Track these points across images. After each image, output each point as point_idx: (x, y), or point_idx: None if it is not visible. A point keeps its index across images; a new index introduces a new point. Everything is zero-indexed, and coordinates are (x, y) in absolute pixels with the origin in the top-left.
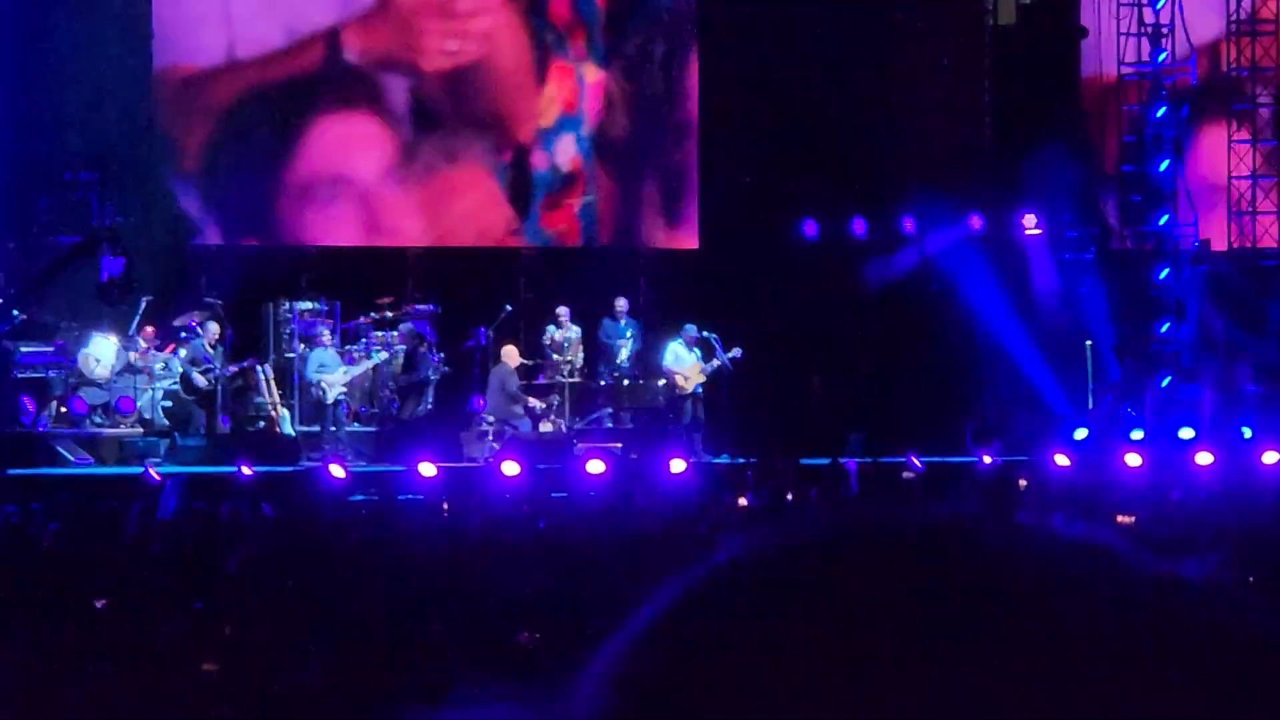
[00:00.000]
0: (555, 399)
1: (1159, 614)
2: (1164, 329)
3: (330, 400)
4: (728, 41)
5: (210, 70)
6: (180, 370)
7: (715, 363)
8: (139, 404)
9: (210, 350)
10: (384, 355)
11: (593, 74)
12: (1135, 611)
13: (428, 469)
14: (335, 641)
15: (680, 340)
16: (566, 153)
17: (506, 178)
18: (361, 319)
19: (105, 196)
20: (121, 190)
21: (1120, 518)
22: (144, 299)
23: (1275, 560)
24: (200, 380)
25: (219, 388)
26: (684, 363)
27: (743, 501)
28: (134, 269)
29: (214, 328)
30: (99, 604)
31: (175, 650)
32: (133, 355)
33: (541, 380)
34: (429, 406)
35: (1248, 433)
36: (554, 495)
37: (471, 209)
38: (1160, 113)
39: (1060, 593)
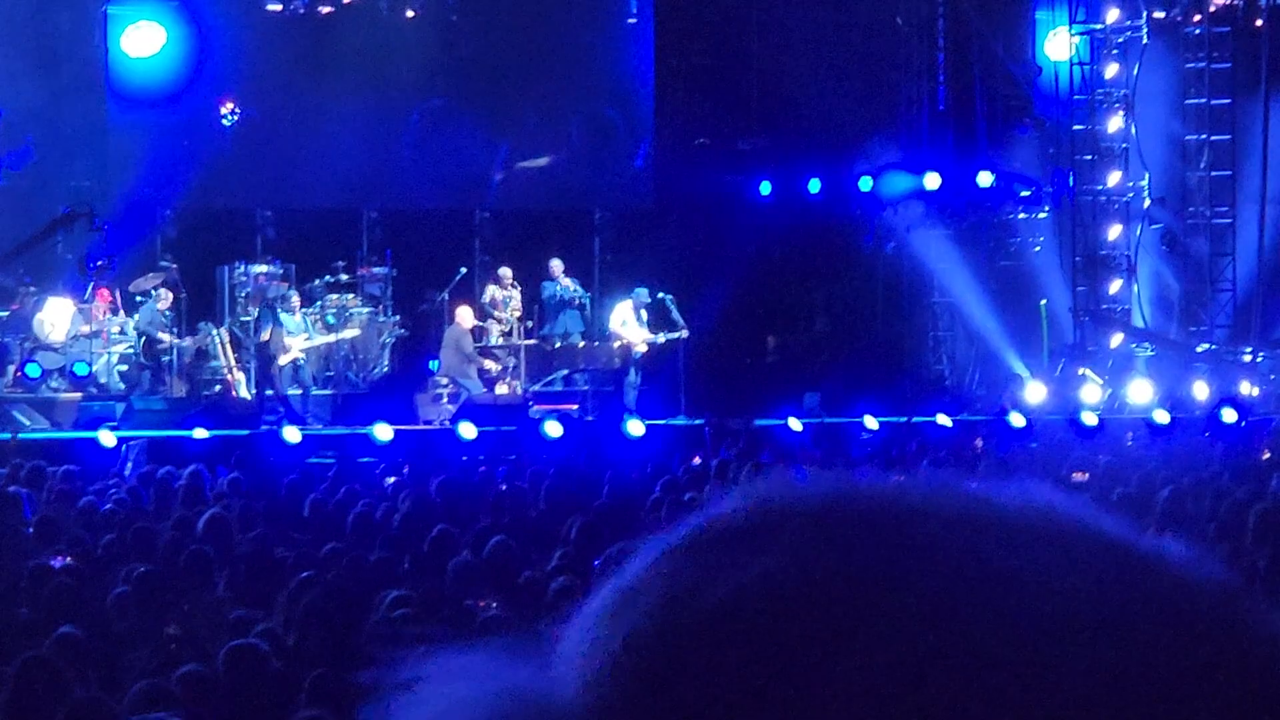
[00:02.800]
0: (511, 361)
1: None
2: (1115, 288)
3: (286, 362)
4: (682, 1)
5: None
6: (139, 333)
7: (666, 335)
8: (94, 368)
9: (165, 315)
10: (355, 331)
11: None
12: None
13: (384, 432)
14: (295, 602)
15: (629, 302)
16: None
17: None
18: (316, 281)
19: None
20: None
21: (1076, 475)
22: (99, 261)
23: (1228, 518)
24: (163, 341)
25: (175, 351)
26: (631, 326)
27: (697, 461)
28: (109, 245)
29: (166, 293)
30: (57, 562)
31: (137, 613)
32: (86, 327)
33: (495, 342)
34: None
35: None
36: (509, 457)
37: None
38: (1111, 71)
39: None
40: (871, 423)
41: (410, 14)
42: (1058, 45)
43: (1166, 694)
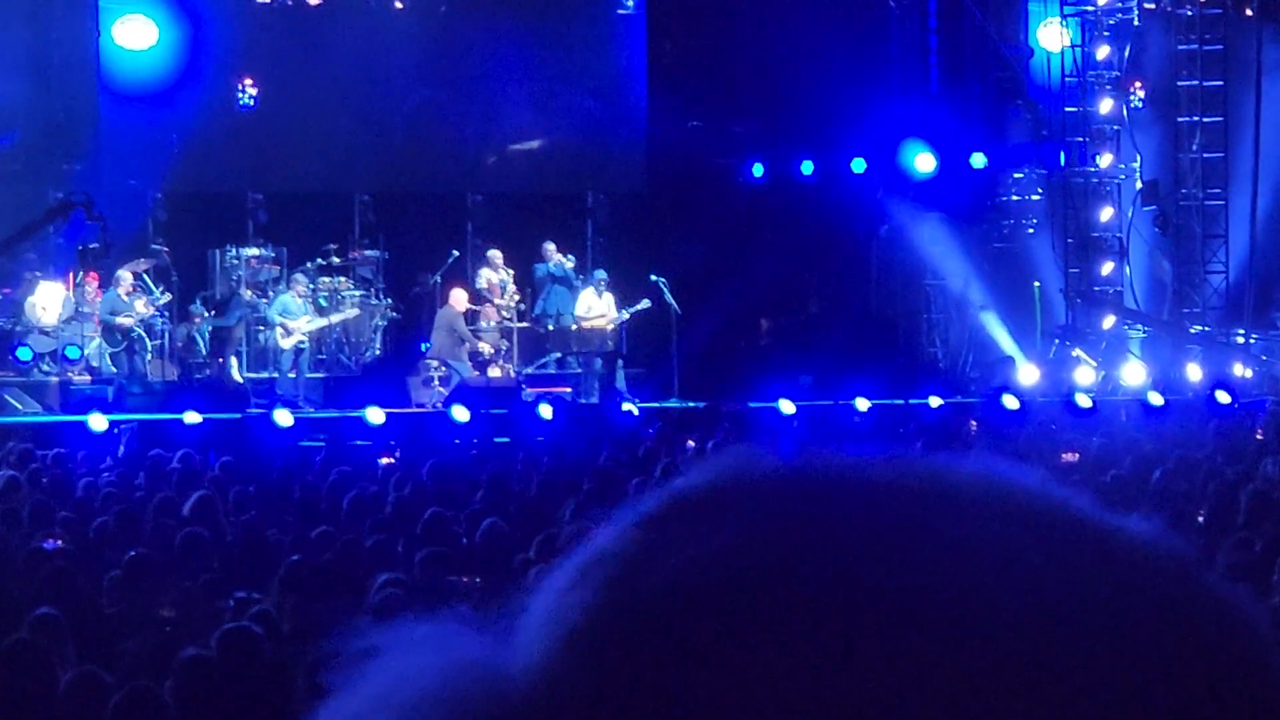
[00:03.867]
0: (504, 344)
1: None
2: (1107, 270)
3: (288, 345)
4: None
5: None
6: (101, 321)
7: (629, 309)
8: (86, 351)
9: (125, 299)
10: (354, 312)
11: None
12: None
13: (376, 415)
14: (287, 585)
15: (590, 289)
16: None
17: None
18: (308, 264)
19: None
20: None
21: (1066, 455)
22: (90, 244)
23: (1219, 499)
24: (122, 324)
25: (138, 333)
26: (596, 310)
27: (691, 444)
28: (108, 233)
29: (127, 277)
30: (49, 544)
31: (130, 596)
32: (76, 311)
33: (484, 325)
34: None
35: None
36: (500, 440)
37: None
38: (1103, 53)
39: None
40: (863, 404)
41: (399, 4)
42: (1049, 35)
43: (1120, 664)
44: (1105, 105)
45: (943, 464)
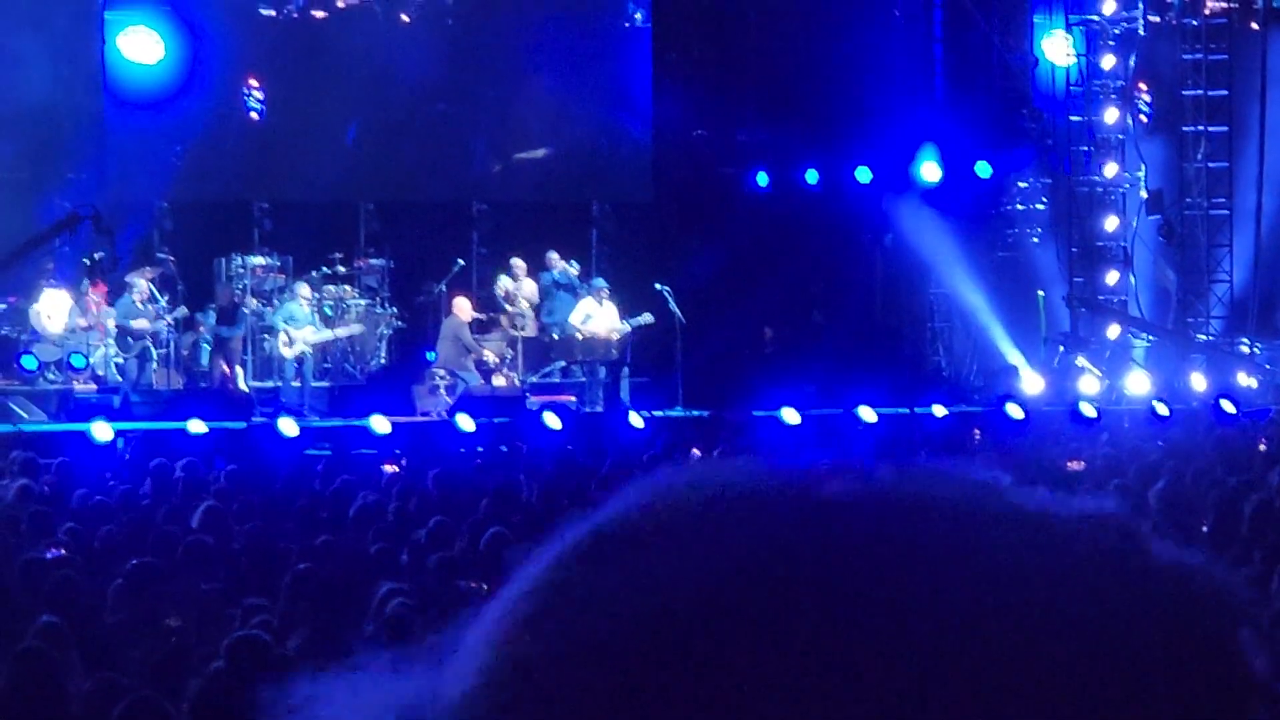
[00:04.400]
0: (509, 353)
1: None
2: (1112, 279)
3: (292, 355)
4: None
5: None
6: (116, 326)
7: (632, 322)
8: (92, 360)
9: (141, 306)
10: (359, 328)
11: None
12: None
13: (381, 424)
14: (293, 594)
15: (589, 298)
16: None
17: None
18: (313, 273)
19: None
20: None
21: (1071, 464)
22: (95, 254)
23: (1223, 508)
24: (138, 327)
25: (149, 344)
26: (596, 319)
27: (696, 453)
28: (117, 247)
29: (142, 284)
30: (51, 554)
31: (135, 605)
32: (81, 321)
33: (494, 334)
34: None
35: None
36: (506, 449)
37: None
38: (1108, 63)
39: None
40: (868, 414)
41: (406, 19)
42: (1055, 47)
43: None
44: (1110, 115)
45: (887, 470)
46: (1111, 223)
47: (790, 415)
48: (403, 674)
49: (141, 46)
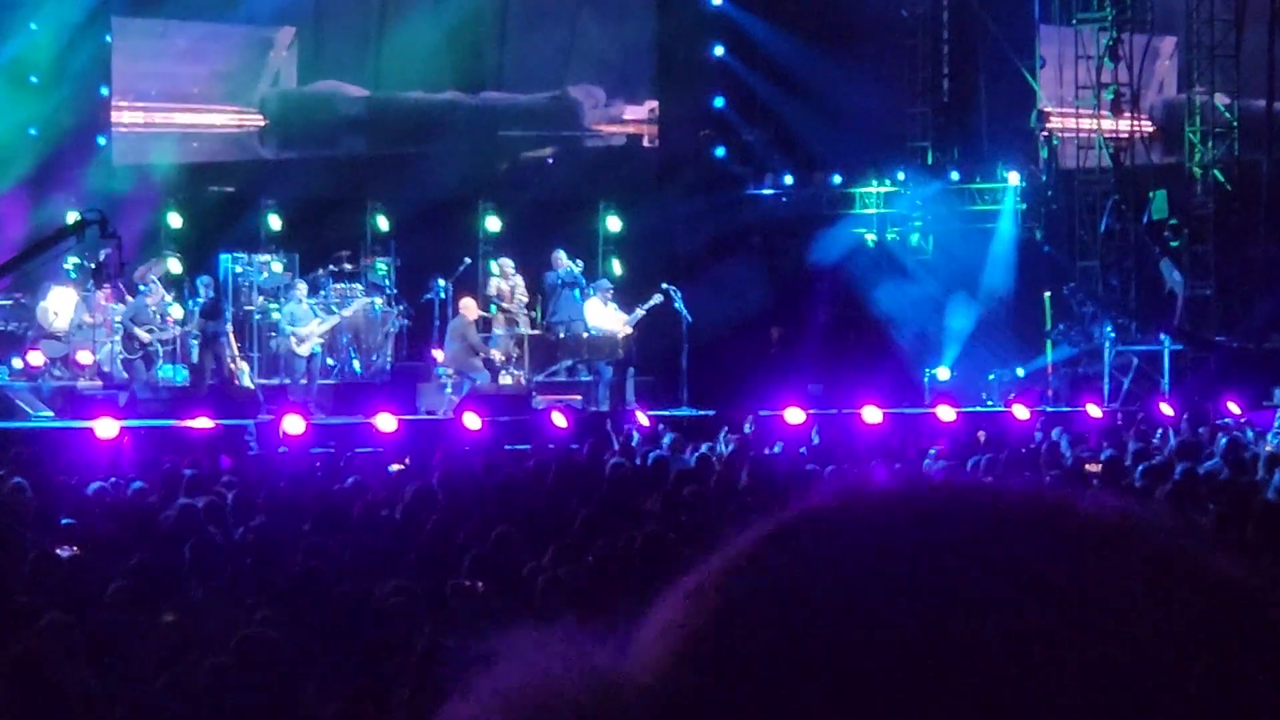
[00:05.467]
0: (516, 352)
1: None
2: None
3: (304, 353)
4: None
5: None
6: (120, 324)
7: (641, 307)
8: (98, 356)
9: (153, 310)
10: (364, 302)
11: None
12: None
13: (387, 422)
14: (298, 592)
15: (595, 298)
16: None
17: None
18: (320, 271)
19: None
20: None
21: (1090, 465)
22: (103, 251)
23: (1231, 505)
24: (141, 337)
25: (156, 345)
26: (605, 317)
27: (701, 452)
28: (124, 251)
29: (158, 288)
30: (62, 551)
31: (138, 602)
32: (88, 313)
33: (500, 332)
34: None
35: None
36: (512, 448)
37: None
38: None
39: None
40: (873, 415)
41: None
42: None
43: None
44: (1118, 115)
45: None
46: (1117, 223)
47: (794, 415)
48: (594, 633)
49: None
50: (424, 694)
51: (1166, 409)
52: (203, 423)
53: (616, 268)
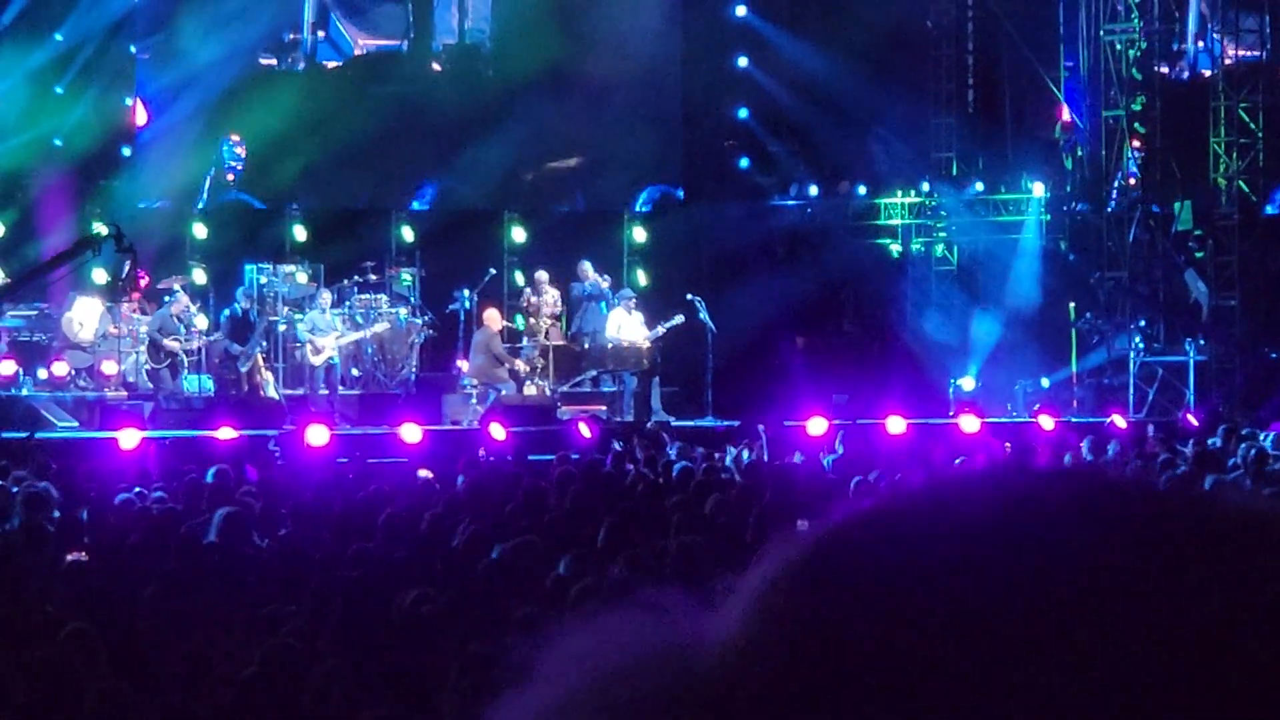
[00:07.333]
0: (540, 363)
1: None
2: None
3: (319, 362)
4: (711, 3)
5: None
6: (146, 335)
7: (664, 325)
8: (122, 367)
9: (178, 320)
10: (385, 325)
11: None
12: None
13: (412, 432)
14: (323, 602)
15: (619, 307)
16: None
17: None
18: (345, 282)
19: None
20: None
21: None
22: (126, 261)
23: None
24: (168, 346)
25: (182, 356)
26: (628, 328)
27: (727, 461)
28: (141, 264)
29: (183, 298)
30: (73, 558)
31: (165, 612)
32: (114, 324)
33: (525, 343)
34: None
35: None
36: (538, 458)
37: None
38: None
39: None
40: (897, 425)
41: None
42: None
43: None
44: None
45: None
46: (1141, 233)
47: (817, 425)
48: (673, 612)
49: None
50: (475, 699)
51: (1192, 419)
52: (227, 433)
53: (642, 278)
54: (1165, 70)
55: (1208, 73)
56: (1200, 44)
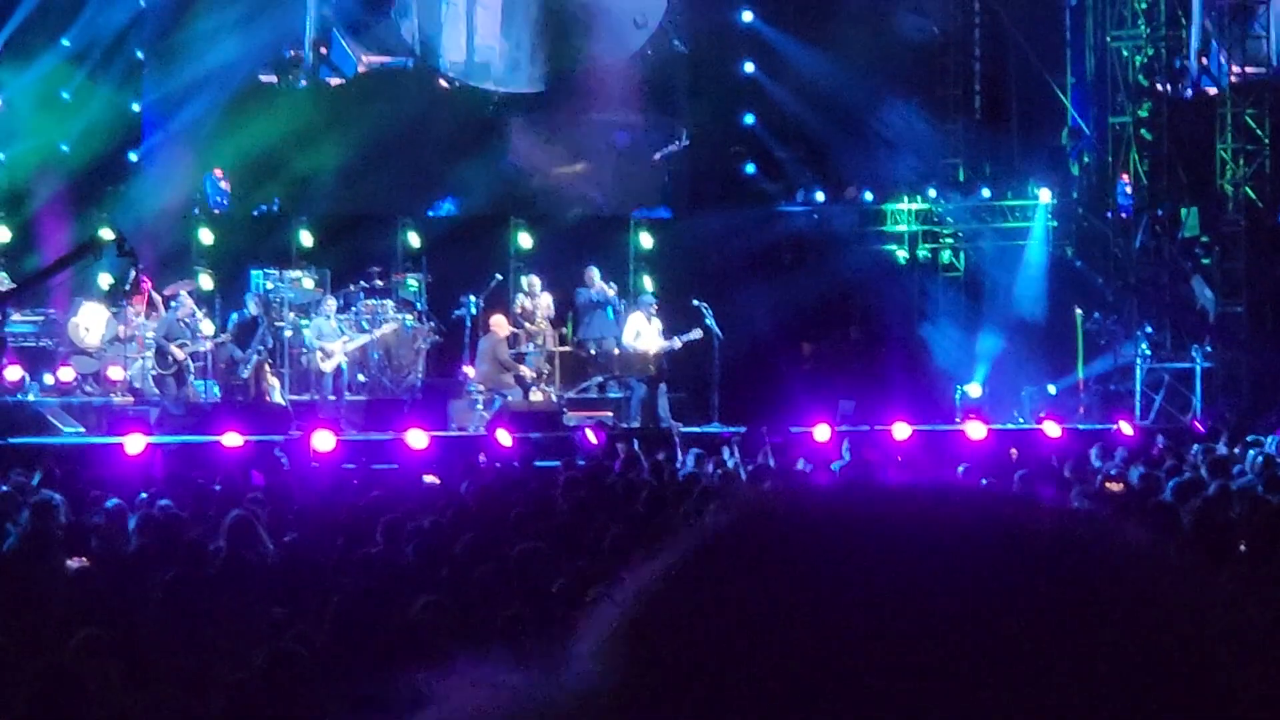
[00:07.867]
0: (546, 369)
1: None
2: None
3: (329, 369)
4: (712, 5)
5: None
6: (153, 341)
7: (681, 338)
8: (129, 372)
9: (184, 325)
10: (391, 327)
11: None
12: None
13: (418, 438)
14: (328, 607)
15: (639, 313)
16: None
17: None
18: (351, 287)
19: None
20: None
21: (1111, 485)
22: (133, 267)
23: (1260, 525)
24: (175, 353)
25: (189, 361)
26: (645, 336)
27: (730, 466)
28: (142, 269)
29: (189, 302)
30: (75, 563)
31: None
32: (121, 329)
33: (530, 349)
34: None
35: None
36: (540, 464)
37: None
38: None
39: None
40: (903, 431)
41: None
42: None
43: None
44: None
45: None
46: (1149, 240)
47: (821, 432)
48: (527, 666)
49: None
50: None
51: (1199, 426)
52: (233, 439)
53: (648, 284)
54: (1168, 89)
55: (1212, 90)
56: (1204, 60)
